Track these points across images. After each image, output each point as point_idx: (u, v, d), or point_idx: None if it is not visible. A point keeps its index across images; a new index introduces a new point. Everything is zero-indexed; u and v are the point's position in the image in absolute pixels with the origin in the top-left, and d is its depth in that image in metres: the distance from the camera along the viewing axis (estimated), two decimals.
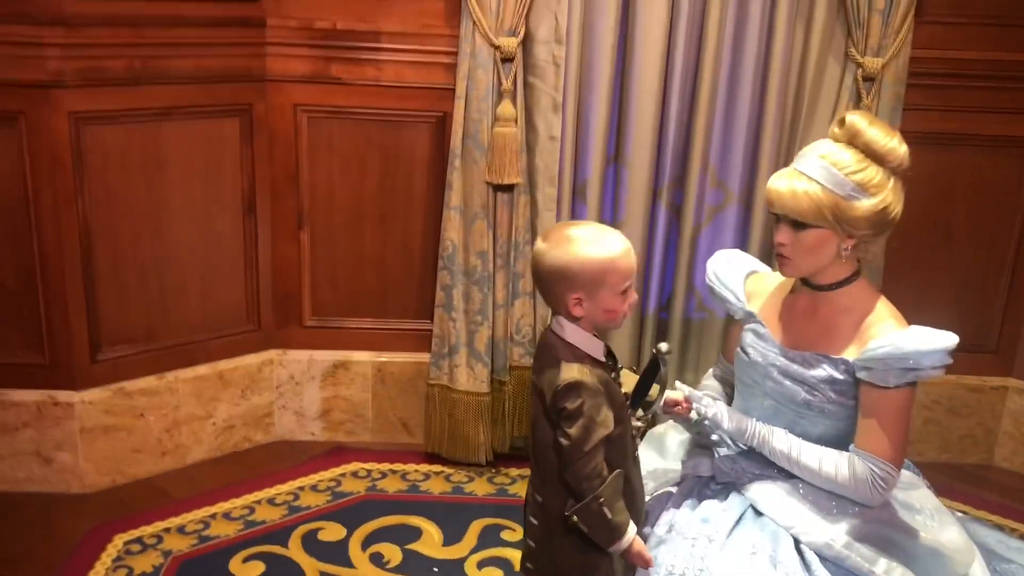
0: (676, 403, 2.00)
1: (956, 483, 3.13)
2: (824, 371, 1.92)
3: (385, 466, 3.08)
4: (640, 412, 1.95)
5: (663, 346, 1.94)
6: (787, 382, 1.96)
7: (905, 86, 2.82)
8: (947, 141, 3.01)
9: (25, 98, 2.55)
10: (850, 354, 1.90)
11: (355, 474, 3.03)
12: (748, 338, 2.04)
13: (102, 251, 2.77)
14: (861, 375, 1.89)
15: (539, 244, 1.77)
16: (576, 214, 2.92)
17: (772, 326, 2.02)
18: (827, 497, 1.92)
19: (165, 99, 2.76)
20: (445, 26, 2.82)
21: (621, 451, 1.79)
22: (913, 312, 2.99)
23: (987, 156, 3.05)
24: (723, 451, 2.05)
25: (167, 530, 2.68)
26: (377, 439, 3.24)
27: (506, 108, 2.73)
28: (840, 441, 1.96)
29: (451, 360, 2.98)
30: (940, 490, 2.76)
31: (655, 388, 1.93)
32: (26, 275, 2.71)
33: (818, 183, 1.84)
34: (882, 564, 1.85)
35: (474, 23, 2.69)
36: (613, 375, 1.82)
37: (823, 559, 1.85)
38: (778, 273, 2.08)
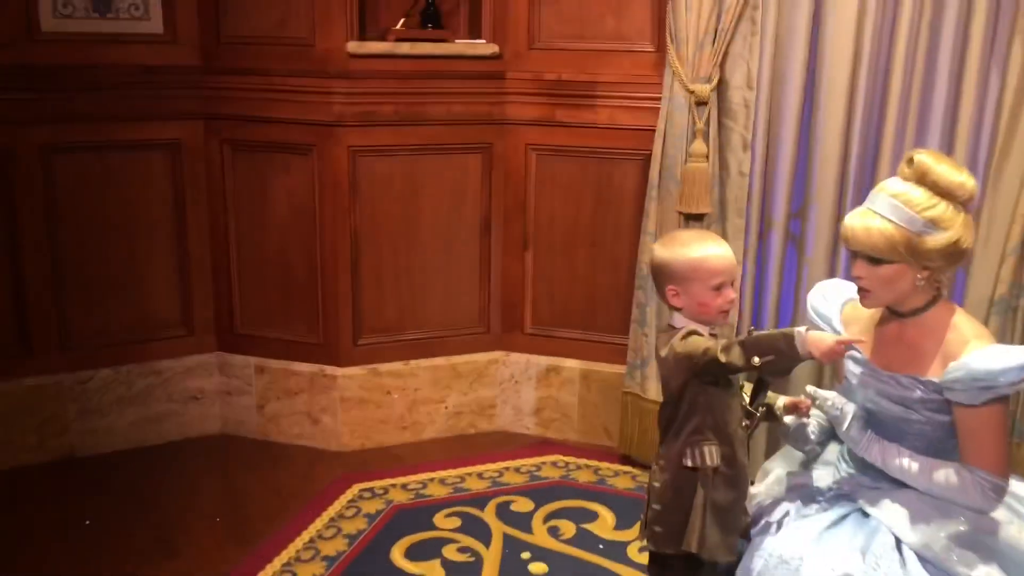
0: (796, 404, 2.20)
1: None
2: (916, 392, 2.03)
3: (582, 461, 3.48)
4: (756, 403, 2.18)
5: (800, 329, 2.17)
6: (885, 402, 2.08)
7: None
8: None
9: (317, 134, 3.31)
10: (935, 374, 2.00)
11: (554, 464, 3.46)
12: (849, 364, 2.17)
13: (367, 257, 3.46)
14: (947, 395, 1.98)
15: (654, 246, 2.13)
16: (765, 247, 3.16)
17: (868, 351, 2.14)
18: (935, 503, 2.01)
19: (423, 137, 3.41)
20: (652, 75, 3.21)
21: (728, 412, 2.05)
22: None
23: None
24: (843, 467, 2.21)
25: (394, 485, 3.28)
26: (580, 438, 3.65)
27: (698, 146, 3.07)
28: (938, 452, 2.06)
29: (642, 371, 3.33)
30: None
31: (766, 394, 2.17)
32: (310, 272, 3.47)
33: (890, 220, 1.95)
34: (981, 570, 1.91)
35: (673, 72, 3.06)
36: None
37: (923, 560, 1.95)
38: None
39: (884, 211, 1.97)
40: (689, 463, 2.05)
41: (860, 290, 2.06)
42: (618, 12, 3.28)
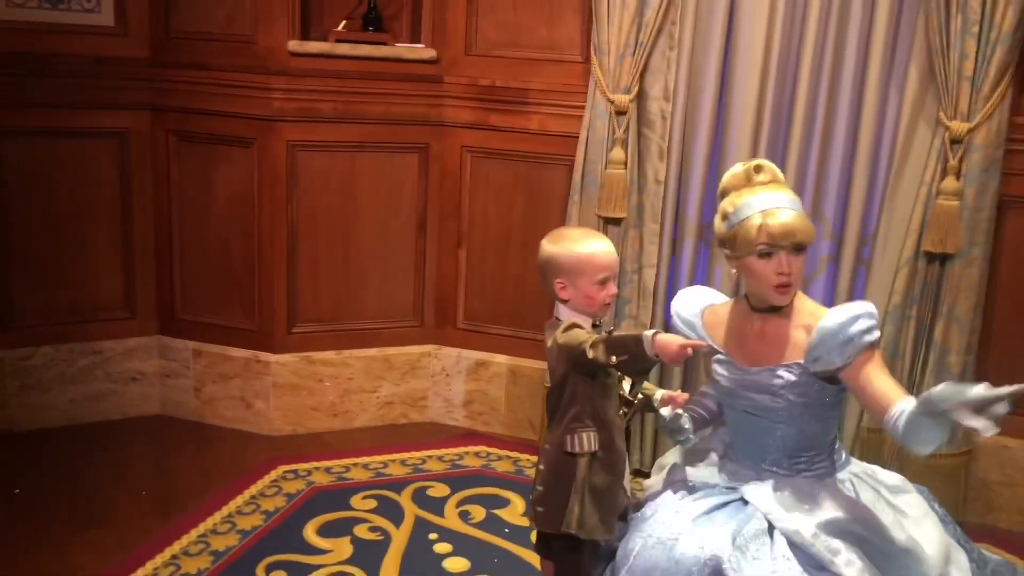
0: (673, 397, 2.33)
1: None
2: (782, 379, 2.14)
3: (504, 452, 3.62)
4: (634, 392, 2.32)
5: (647, 332, 2.31)
6: (754, 395, 2.20)
7: (1003, 150, 2.93)
8: None
9: (257, 128, 3.45)
10: (799, 356, 2.12)
11: (477, 454, 3.59)
12: (716, 368, 2.27)
13: (304, 248, 3.60)
14: (815, 368, 2.09)
15: (543, 241, 2.27)
16: (679, 250, 3.31)
17: (732, 352, 2.24)
18: (809, 491, 2.14)
19: (361, 135, 3.55)
20: (581, 84, 3.36)
21: (606, 399, 2.19)
22: None
23: None
24: (728, 460, 2.34)
25: (317, 468, 3.41)
26: (506, 431, 3.78)
27: (617, 153, 3.22)
28: (811, 438, 2.19)
29: None
30: None
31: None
32: (248, 261, 3.60)
33: (800, 207, 2.11)
34: (843, 556, 2.03)
35: (595, 82, 3.21)
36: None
37: (792, 545, 2.06)
38: (728, 302, 2.32)
39: (796, 205, 2.10)
40: (568, 448, 2.18)
41: (783, 287, 2.10)
42: (550, 22, 3.43)
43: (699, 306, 2.35)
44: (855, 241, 3.12)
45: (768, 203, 2.08)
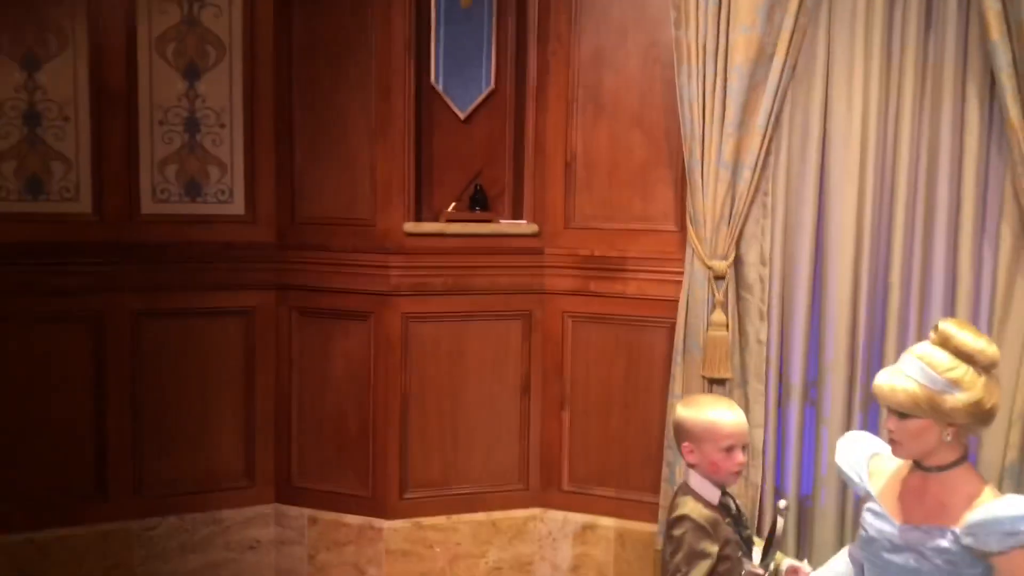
0: (796, 570, 2.37)
1: None
2: (935, 542, 2.17)
3: None
4: (766, 563, 2.35)
5: (781, 503, 2.38)
6: (900, 555, 2.23)
7: None
8: None
9: (375, 302, 3.69)
10: (953, 523, 2.16)
11: None
12: (867, 517, 2.33)
13: (415, 414, 3.75)
14: (966, 542, 2.14)
15: (678, 404, 2.38)
16: (784, 410, 3.37)
17: (889, 504, 2.31)
18: None
19: (469, 305, 3.76)
20: (675, 251, 3.53)
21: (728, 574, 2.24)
22: None
23: None
24: None
25: None
26: None
27: (718, 316, 3.35)
28: None
29: None
30: None
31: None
32: (363, 428, 3.76)
33: (915, 380, 2.19)
34: None
35: (693, 250, 3.39)
36: (727, 520, 2.30)
37: None
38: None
39: (910, 371, 2.20)
40: None
41: (891, 441, 2.25)
42: (644, 196, 3.66)
43: (867, 451, 2.44)
44: None
45: (898, 362, 2.22)
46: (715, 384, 3.39)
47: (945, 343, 2.22)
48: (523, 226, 3.78)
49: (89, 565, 3.58)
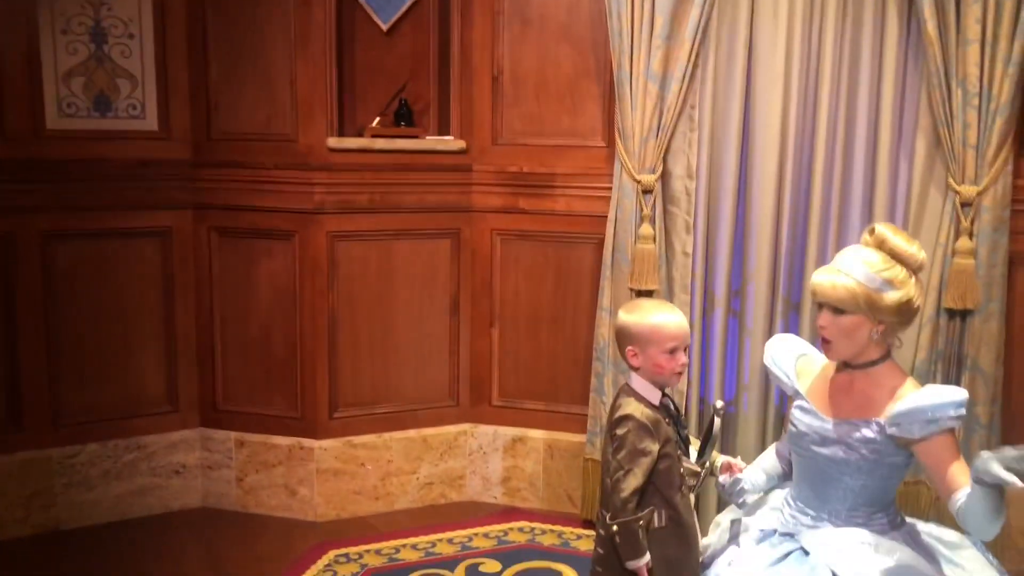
0: (730, 465, 2.45)
1: None
2: (860, 433, 2.27)
3: (547, 526, 3.68)
4: (702, 460, 2.43)
5: (719, 403, 2.45)
6: (828, 447, 2.34)
7: (1010, 210, 3.13)
8: None
9: (298, 221, 3.60)
10: (878, 415, 2.27)
11: (520, 529, 3.65)
12: (796, 413, 2.41)
13: (343, 335, 3.71)
14: (891, 431, 2.24)
15: (620, 310, 2.41)
16: (708, 320, 3.46)
17: (817, 401, 2.40)
18: (872, 541, 2.24)
19: (397, 224, 3.72)
20: (604, 167, 3.56)
21: (668, 482, 2.30)
22: None
23: None
24: (787, 509, 2.45)
25: (368, 551, 3.45)
26: (545, 506, 3.84)
27: (645, 229, 3.39)
28: (873, 494, 2.31)
29: (601, 438, 3.56)
30: None
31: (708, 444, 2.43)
32: (290, 350, 3.70)
33: (853, 278, 2.26)
34: None
35: (621, 164, 3.41)
36: (667, 420, 2.36)
37: None
38: (821, 354, 2.50)
39: (849, 269, 2.26)
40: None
41: (823, 341, 2.31)
42: (573, 111, 3.64)
43: (795, 351, 2.51)
44: None
45: (835, 262, 2.29)
46: (642, 296, 3.45)
47: (881, 245, 2.30)
48: (450, 142, 3.73)
49: (10, 495, 3.47)
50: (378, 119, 3.68)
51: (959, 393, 2.21)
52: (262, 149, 3.59)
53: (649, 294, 3.43)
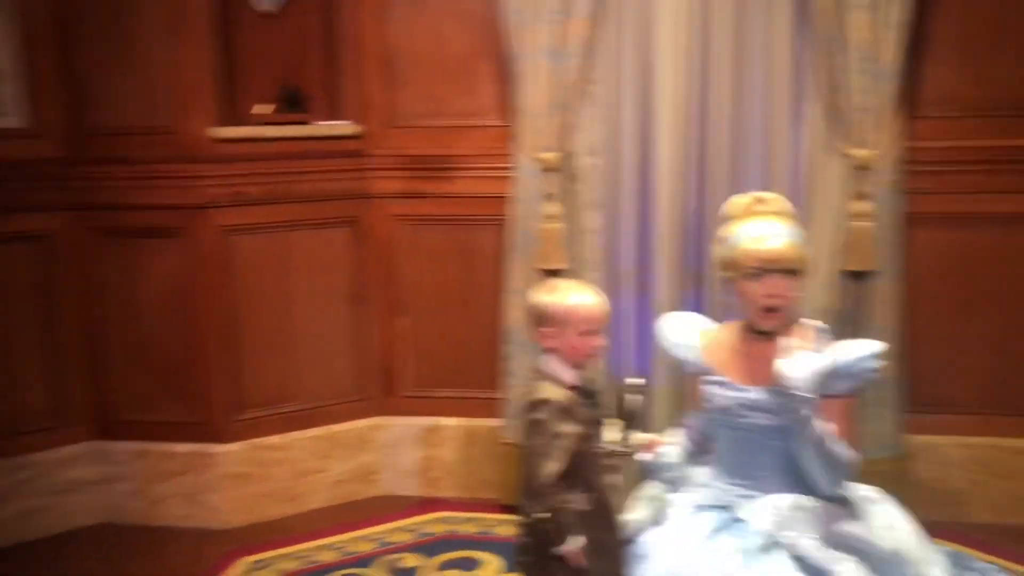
0: (651, 443, 2.42)
1: (1007, 543, 3.24)
2: (779, 397, 2.27)
3: (467, 515, 3.61)
4: (624, 439, 2.39)
5: (633, 380, 2.42)
6: (754, 416, 2.33)
7: (903, 172, 3.20)
8: (958, 219, 3.33)
9: (188, 217, 3.42)
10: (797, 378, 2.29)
11: (440, 520, 3.57)
12: (712, 389, 2.39)
13: (243, 333, 3.54)
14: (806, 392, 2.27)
15: (534, 291, 2.34)
16: (616, 298, 3.44)
17: (733, 373, 2.38)
18: (804, 509, 2.26)
19: (292, 214, 3.56)
20: (503, 147, 3.47)
21: (588, 464, 2.26)
22: (948, 378, 3.28)
23: (999, 231, 3.32)
24: (716, 483, 2.44)
25: (283, 556, 3.32)
26: (464, 494, 3.77)
27: (550, 208, 3.34)
28: (796, 466, 2.33)
29: (518, 422, 3.51)
30: (990, 549, 3.10)
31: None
32: (188, 352, 3.52)
33: (795, 236, 2.27)
34: (844, 566, 2.16)
35: (520, 143, 3.34)
36: (585, 401, 2.32)
37: (794, 558, 2.18)
38: (721, 327, 2.48)
39: (789, 231, 2.26)
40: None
41: (771, 311, 2.25)
42: (469, 91, 3.55)
43: (694, 329, 2.48)
44: None
45: (763, 230, 2.25)
46: (550, 276, 3.39)
47: (781, 211, 2.34)
48: (344, 127, 3.59)
49: None
50: (266, 106, 3.51)
51: (875, 345, 2.24)
52: (143, 143, 3.38)
53: (557, 274, 3.38)
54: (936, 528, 3.26)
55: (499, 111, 3.53)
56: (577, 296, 2.26)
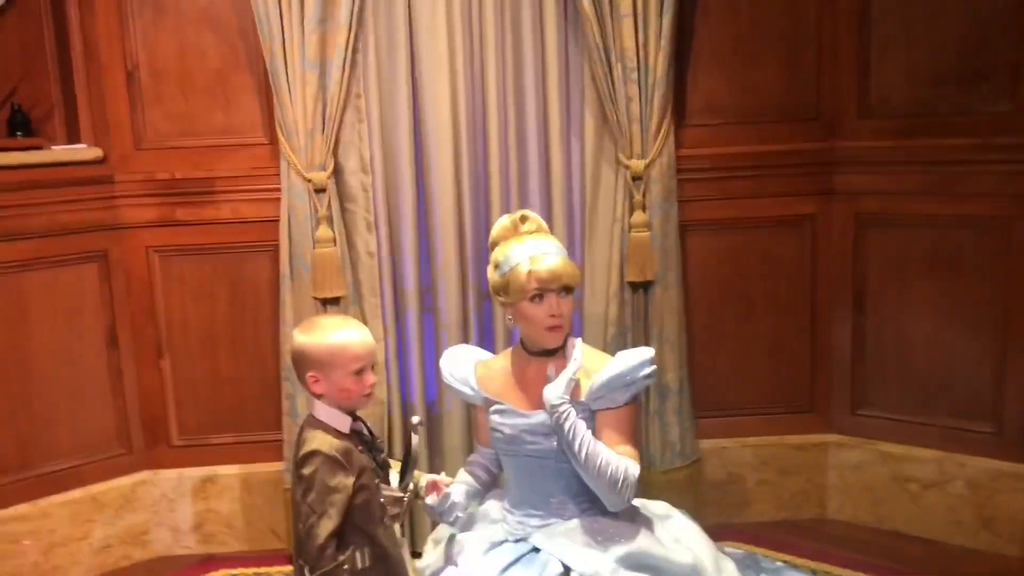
0: (436, 483, 2.25)
1: (794, 538, 3.33)
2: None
3: (250, 570, 3.30)
4: (404, 484, 2.20)
5: (415, 419, 2.24)
6: (539, 440, 2.24)
7: (676, 181, 3.21)
8: (730, 225, 3.39)
9: None
10: (578, 395, 2.20)
11: None
12: (495, 419, 2.30)
13: None
14: (597, 406, 2.20)
15: (294, 331, 2.11)
16: (402, 320, 3.26)
17: (513, 399, 2.30)
18: (600, 530, 2.19)
19: (24, 252, 3.13)
20: (271, 166, 3.21)
21: (367, 516, 2.06)
22: (731, 381, 3.32)
23: (769, 235, 3.41)
24: (511, 518, 2.31)
25: None
26: (249, 546, 3.45)
27: (323, 231, 3.11)
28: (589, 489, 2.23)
29: None
30: (779, 546, 3.14)
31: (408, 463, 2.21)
32: None
33: (564, 252, 2.25)
34: None
35: (288, 162, 3.09)
36: (360, 448, 2.11)
37: None
38: (499, 356, 2.40)
39: (561, 250, 2.24)
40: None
41: (554, 329, 2.20)
42: (227, 107, 3.26)
43: (471, 362, 2.40)
44: None
45: (535, 250, 2.19)
46: (329, 304, 3.17)
47: (539, 227, 2.32)
48: (83, 151, 3.20)
49: None
50: None
51: (646, 352, 2.24)
52: None
53: (336, 301, 3.16)
54: (729, 530, 3.35)
55: (264, 128, 3.27)
56: (342, 333, 2.05)
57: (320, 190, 3.10)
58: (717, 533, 3.27)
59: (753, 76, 3.31)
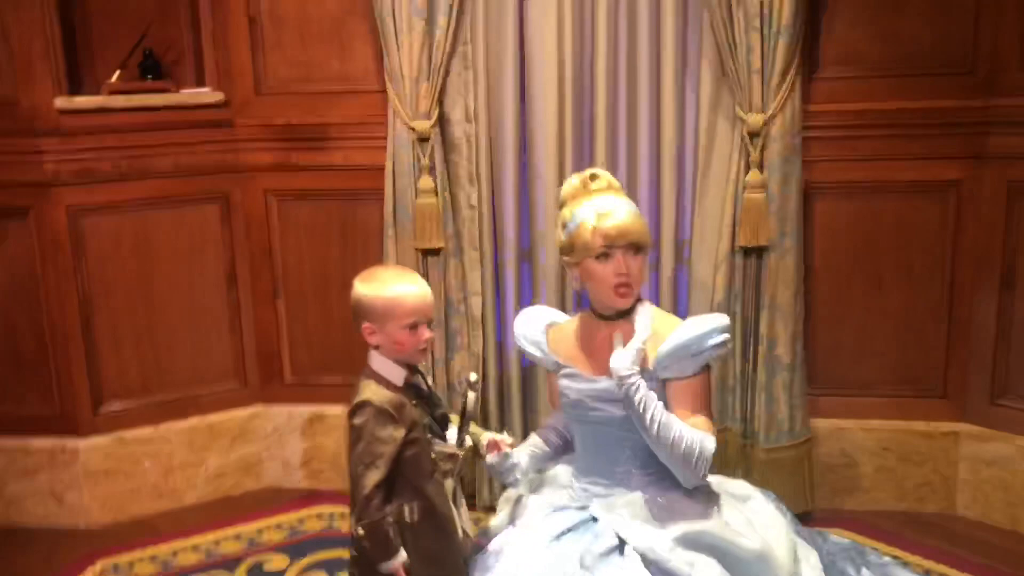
0: (497, 443, 2.21)
1: (912, 533, 3.08)
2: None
3: (347, 508, 3.38)
4: (460, 441, 2.17)
5: (471, 376, 2.20)
6: (604, 407, 2.15)
7: (800, 139, 2.96)
8: (861, 189, 3.11)
9: (31, 195, 3.13)
10: (647, 363, 2.09)
11: (318, 516, 3.35)
12: (563, 383, 2.22)
13: (101, 320, 3.28)
14: (665, 375, 2.09)
15: (355, 280, 2.11)
16: (501, 273, 3.20)
17: (581, 364, 2.21)
18: (663, 507, 2.09)
19: (151, 191, 3.28)
20: (383, 114, 3.20)
21: (417, 470, 2.05)
22: (854, 359, 3.08)
23: (905, 201, 3.11)
24: (577, 484, 2.24)
25: (142, 559, 3.09)
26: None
27: (425, 182, 3.09)
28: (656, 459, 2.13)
29: None
30: (894, 540, 2.95)
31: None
32: (39, 341, 3.25)
33: (636, 209, 2.12)
34: (700, 569, 1.99)
35: (394, 110, 3.08)
36: (415, 402, 2.09)
37: (646, 561, 2.01)
38: (571, 319, 2.29)
39: (631, 207, 2.11)
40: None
41: (622, 287, 2.09)
42: (342, 53, 3.27)
43: (542, 324, 2.32)
44: (672, 244, 3.10)
45: (603, 207, 2.08)
46: (429, 255, 3.16)
47: (609, 186, 2.19)
48: (205, 95, 3.31)
49: None
50: (118, 73, 3.22)
51: (717, 319, 2.08)
52: None
53: (436, 252, 3.15)
54: (840, 516, 3.13)
55: (377, 75, 3.25)
56: (398, 286, 2.03)
57: (423, 139, 3.07)
58: (825, 519, 3.10)
59: (898, 23, 2.99)
